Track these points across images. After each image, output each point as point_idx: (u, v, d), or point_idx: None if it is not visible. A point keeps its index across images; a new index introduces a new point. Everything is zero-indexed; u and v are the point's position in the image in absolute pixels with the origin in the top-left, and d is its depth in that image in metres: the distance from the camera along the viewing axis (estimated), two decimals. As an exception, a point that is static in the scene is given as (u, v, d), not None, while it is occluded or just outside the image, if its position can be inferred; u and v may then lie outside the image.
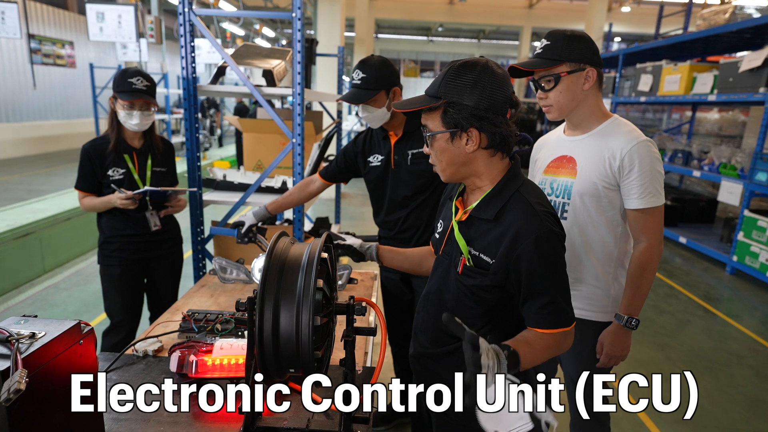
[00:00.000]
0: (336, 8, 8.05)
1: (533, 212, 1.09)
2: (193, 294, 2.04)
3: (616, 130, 1.53)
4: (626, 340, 1.55)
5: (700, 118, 8.51)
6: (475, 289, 1.17)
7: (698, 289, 4.76)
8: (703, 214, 6.91)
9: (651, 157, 1.46)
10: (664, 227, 1.54)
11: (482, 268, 1.14)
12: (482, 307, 1.18)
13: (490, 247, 1.13)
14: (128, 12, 4.37)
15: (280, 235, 1.05)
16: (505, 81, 1.12)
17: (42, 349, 0.92)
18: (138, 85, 2.16)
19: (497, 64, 1.13)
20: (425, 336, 1.30)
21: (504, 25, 19.40)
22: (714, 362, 3.33)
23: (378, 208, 2.24)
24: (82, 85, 13.36)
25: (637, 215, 1.50)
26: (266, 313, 0.93)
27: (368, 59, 1.98)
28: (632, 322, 1.51)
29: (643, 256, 1.50)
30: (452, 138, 1.12)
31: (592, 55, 1.48)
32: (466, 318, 1.13)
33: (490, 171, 1.16)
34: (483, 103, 1.08)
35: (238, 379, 1.33)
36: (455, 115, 1.09)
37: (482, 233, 1.16)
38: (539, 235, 1.07)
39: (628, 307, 1.52)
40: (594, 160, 1.52)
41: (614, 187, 1.51)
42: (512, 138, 1.14)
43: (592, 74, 1.49)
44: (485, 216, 1.15)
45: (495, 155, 1.15)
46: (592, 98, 1.54)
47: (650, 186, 1.47)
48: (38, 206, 4.72)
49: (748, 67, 4.97)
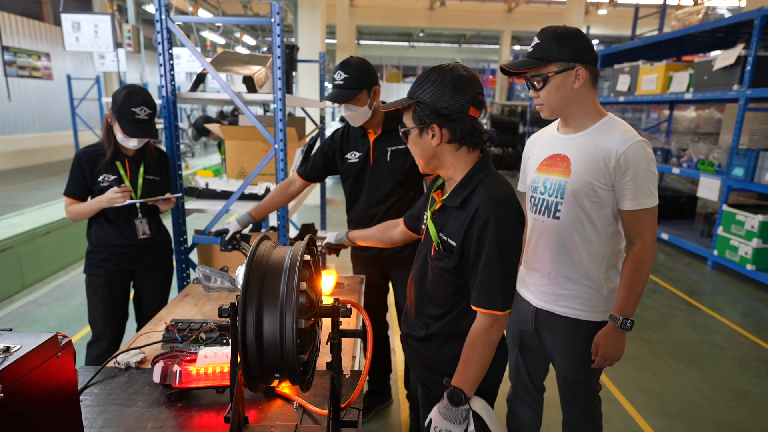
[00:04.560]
0: (316, 15, 8.05)
1: (489, 198, 1.21)
2: (177, 303, 2.01)
3: (611, 129, 1.50)
4: (621, 341, 1.54)
5: (677, 117, 8.68)
6: (443, 272, 1.31)
7: (681, 284, 4.84)
8: (683, 210, 7.04)
9: (646, 158, 1.45)
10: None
11: (448, 251, 1.28)
12: (450, 289, 1.32)
13: (456, 232, 1.26)
14: (105, 21, 4.30)
15: (262, 239, 1.03)
16: (470, 83, 1.23)
17: (17, 363, 0.89)
18: (141, 116, 2.12)
19: (466, 68, 1.25)
20: (410, 318, 1.45)
21: (484, 30, 19.64)
22: (699, 355, 3.38)
23: (353, 203, 2.31)
24: (59, 97, 13.14)
25: (631, 216, 1.49)
26: (249, 318, 0.91)
27: (349, 60, 2.03)
28: (627, 323, 1.50)
29: (637, 257, 1.49)
30: (421, 133, 1.27)
31: (582, 53, 1.44)
32: (438, 299, 1.35)
33: (459, 163, 1.29)
34: (444, 102, 1.21)
35: (223, 387, 1.31)
36: (420, 113, 1.24)
37: (451, 220, 1.29)
38: (488, 218, 1.19)
39: (622, 308, 1.51)
40: (589, 160, 1.50)
41: (608, 188, 1.49)
42: (476, 134, 1.25)
43: (581, 73, 1.45)
44: (453, 204, 1.28)
45: (460, 149, 1.27)
46: (585, 96, 1.50)
47: (645, 187, 1.45)
48: (16, 220, 4.61)
49: (721, 65, 5.09)
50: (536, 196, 1.64)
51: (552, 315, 1.63)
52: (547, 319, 1.65)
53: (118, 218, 2.26)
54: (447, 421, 1.22)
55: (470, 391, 1.23)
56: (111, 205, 2.15)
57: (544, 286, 1.64)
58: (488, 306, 1.21)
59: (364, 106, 2.04)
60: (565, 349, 1.64)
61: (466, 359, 1.24)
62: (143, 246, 2.32)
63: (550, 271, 1.61)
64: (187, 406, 1.30)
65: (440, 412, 1.24)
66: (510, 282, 1.23)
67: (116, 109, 2.12)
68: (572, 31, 1.46)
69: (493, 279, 1.20)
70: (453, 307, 1.32)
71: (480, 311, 1.23)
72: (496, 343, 1.24)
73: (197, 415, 1.27)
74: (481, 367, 1.22)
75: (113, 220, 2.25)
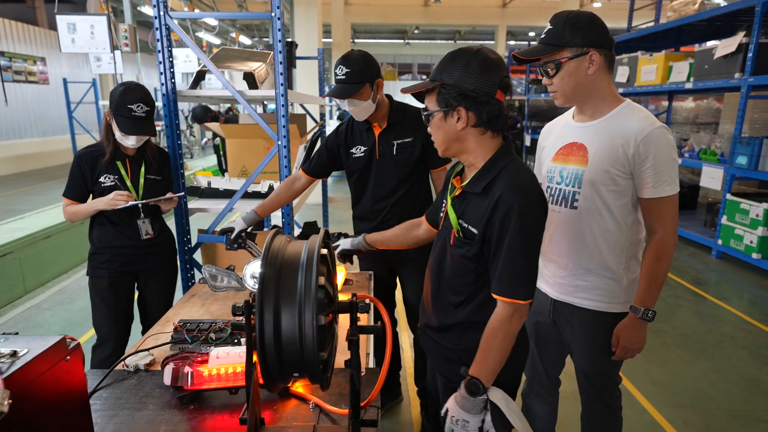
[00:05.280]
0: (312, 12, 8.00)
1: (513, 186, 1.17)
2: (184, 304, 1.97)
3: (629, 115, 1.45)
4: (642, 332, 1.50)
5: (676, 107, 8.65)
6: (463, 259, 1.28)
7: (686, 274, 4.81)
8: (685, 200, 7.01)
9: (667, 145, 1.40)
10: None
11: (469, 239, 1.25)
12: (470, 276, 1.28)
13: (477, 220, 1.23)
14: (101, 22, 4.24)
15: (276, 233, 1.00)
16: (497, 66, 1.19)
17: (25, 368, 0.85)
18: (138, 113, 2.08)
19: (492, 51, 1.20)
20: (428, 308, 1.40)
21: (479, 25, 19.56)
22: (708, 345, 3.36)
23: (359, 198, 2.27)
24: (56, 101, 13.07)
25: (651, 204, 1.44)
26: (266, 315, 0.88)
27: (349, 54, 2.00)
28: (649, 314, 1.46)
29: (658, 246, 1.44)
30: (445, 116, 1.23)
31: (596, 38, 1.39)
32: (457, 286, 1.31)
33: (482, 148, 1.25)
34: (471, 84, 1.17)
35: (237, 388, 1.28)
36: (446, 95, 1.20)
37: (472, 207, 1.26)
38: (512, 206, 1.15)
39: (643, 299, 1.46)
40: (606, 148, 1.45)
41: (627, 176, 1.44)
42: (502, 118, 1.22)
43: (596, 58, 1.40)
44: (475, 190, 1.25)
45: (485, 133, 1.24)
46: (601, 82, 1.45)
47: (665, 174, 1.40)
48: (16, 225, 4.57)
49: (722, 54, 5.05)
50: (553, 186, 1.60)
51: (570, 306, 1.60)
52: (565, 310, 1.62)
53: (121, 219, 2.22)
54: (464, 411, 1.20)
55: (488, 381, 1.20)
56: (110, 207, 2.11)
57: (561, 277, 1.61)
58: (510, 295, 1.18)
59: (367, 100, 2.00)
60: (585, 341, 1.61)
61: (485, 348, 1.21)
62: (147, 246, 2.28)
63: (568, 262, 1.58)
64: (199, 408, 1.26)
65: (457, 402, 1.22)
66: (532, 271, 1.20)
67: (113, 107, 2.08)
68: (586, 15, 1.41)
69: (515, 268, 1.17)
70: (473, 295, 1.29)
71: (501, 300, 1.20)
72: (515, 333, 1.21)
73: (210, 418, 1.23)
74: (500, 357, 1.20)
75: (115, 221, 2.22)
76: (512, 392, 1.30)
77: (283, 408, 1.26)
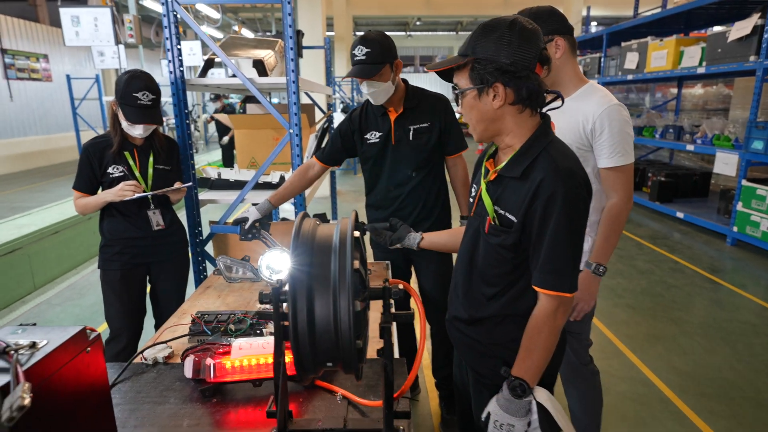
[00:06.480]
0: (316, 3, 7.91)
1: (556, 169, 1.08)
2: (199, 296, 1.93)
3: (590, 95, 1.61)
4: (594, 286, 1.63)
5: (684, 94, 8.52)
6: (499, 248, 1.18)
7: (702, 262, 4.74)
8: (696, 188, 6.91)
9: (621, 120, 1.55)
10: (639, 194, 1.55)
11: (506, 227, 1.15)
12: (506, 267, 1.19)
13: (515, 206, 1.13)
14: (104, 14, 4.18)
15: (304, 216, 0.94)
16: (536, 36, 1.10)
17: (45, 360, 0.80)
18: (143, 101, 2.02)
19: (528, 21, 1.11)
20: (457, 299, 1.32)
21: (481, 16, 19.33)
22: (729, 333, 3.29)
23: (374, 185, 2.22)
24: (59, 98, 13.02)
25: (608, 173, 1.59)
26: (299, 302, 0.82)
27: (368, 35, 1.93)
28: (600, 269, 1.60)
29: (614, 209, 1.59)
30: (480, 94, 1.12)
31: (558, 26, 1.59)
32: (491, 277, 1.21)
33: (520, 128, 1.15)
34: (508, 57, 1.07)
35: (261, 380, 1.23)
36: (481, 70, 1.09)
37: (509, 192, 1.16)
38: (555, 191, 1.06)
39: (597, 255, 1.60)
40: (569, 124, 1.60)
41: (587, 148, 1.61)
42: (541, 93, 1.12)
43: (561, 43, 1.59)
44: (512, 174, 1.14)
45: (524, 111, 1.13)
46: (566, 65, 1.62)
47: (619, 146, 1.55)
48: (23, 221, 4.53)
49: (737, 36, 4.94)
50: None
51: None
52: None
53: (130, 210, 2.17)
54: (508, 415, 1.11)
55: (533, 381, 1.12)
56: (119, 199, 2.06)
57: None
58: (555, 287, 1.09)
59: (387, 81, 1.94)
60: None
61: (528, 346, 1.13)
62: (158, 237, 2.23)
63: None
64: (222, 401, 1.22)
65: (500, 404, 1.14)
66: (578, 261, 1.11)
67: (118, 96, 2.02)
68: (546, 9, 1.60)
69: (560, 258, 1.08)
70: (508, 286, 1.20)
71: (545, 293, 1.11)
72: (560, 328, 1.13)
73: (234, 411, 1.18)
74: (545, 355, 1.12)
75: (125, 212, 2.17)
76: (551, 390, 1.23)
77: (309, 400, 1.21)
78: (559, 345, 1.19)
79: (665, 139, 6.66)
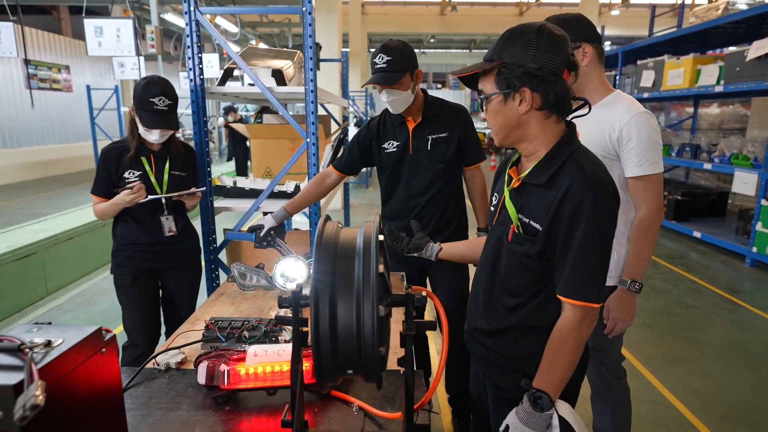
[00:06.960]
0: (333, 17, 8.02)
1: (584, 177, 1.05)
2: (213, 302, 1.91)
3: (617, 103, 1.58)
4: (631, 304, 1.58)
5: (700, 114, 8.44)
6: (523, 257, 1.15)
7: (720, 282, 4.63)
8: (713, 207, 6.80)
9: (649, 127, 1.51)
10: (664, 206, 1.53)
11: (531, 235, 1.12)
12: (530, 276, 1.15)
13: (541, 214, 1.10)
14: (127, 25, 4.27)
15: (327, 219, 0.92)
16: (564, 42, 1.09)
17: (60, 359, 0.78)
18: (160, 106, 2.04)
19: (555, 26, 1.10)
20: (477, 310, 1.28)
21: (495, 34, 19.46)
22: (751, 355, 3.19)
23: (390, 195, 2.19)
24: (79, 108, 13.30)
25: (636, 183, 1.55)
26: (321, 306, 0.80)
27: (389, 43, 1.94)
28: (635, 285, 1.55)
29: (644, 221, 1.54)
30: (505, 99, 1.10)
31: (587, 33, 1.57)
32: (514, 287, 1.17)
33: (545, 135, 1.12)
34: (536, 62, 1.06)
35: (275, 388, 1.20)
36: (508, 75, 1.07)
37: (534, 200, 1.13)
38: (583, 199, 1.03)
39: (631, 271, 1.55)
40: (594, 132, 1.57)
41: (614, 157, 1.57)
42: (569, 100, 1.09)
43: (588, 50, 1.57)
44: (537, 181, 1.11)
45: (550, 117, 1.11)
46: (593, 73, 1.60)
47: (648, 154, 1.51)
48: (38, 227, 4.57)
49: (756, 55, 4.89)
50: None
51: None
52: None
53: (143, 216, 2.17)
54: (528, 428, 1.07)
55: (555, 394, 1.08)
56: (132, 203, 2.07)
57: None
58: (582, 298, 1.05)
59: (407, 90, 1.94)
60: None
61: (551, 358, 1.08)
62: (170, 244, 2.23)
63: None
64: (236, 409, 1.19)
65: (520, 417, 1.09)
66: (605, 271, 1.08)
67: (136, 101, 2.05)
68: (574, 16, 1.59)
69: (588, 268, 1.05)
70: (532, 297, 1.16)
71: (570, 303, 1.07)
72: (586, 339, 1.09)
73: (248, 420, 1.15)
74: (569, 367, 1.08)
75: (138, 218, 2.17)
76: (573, 403, 1.18)
77: (324, 410, 1.18)
78: (582, 358, 1.14)
79: (681, 157, 6.58)
